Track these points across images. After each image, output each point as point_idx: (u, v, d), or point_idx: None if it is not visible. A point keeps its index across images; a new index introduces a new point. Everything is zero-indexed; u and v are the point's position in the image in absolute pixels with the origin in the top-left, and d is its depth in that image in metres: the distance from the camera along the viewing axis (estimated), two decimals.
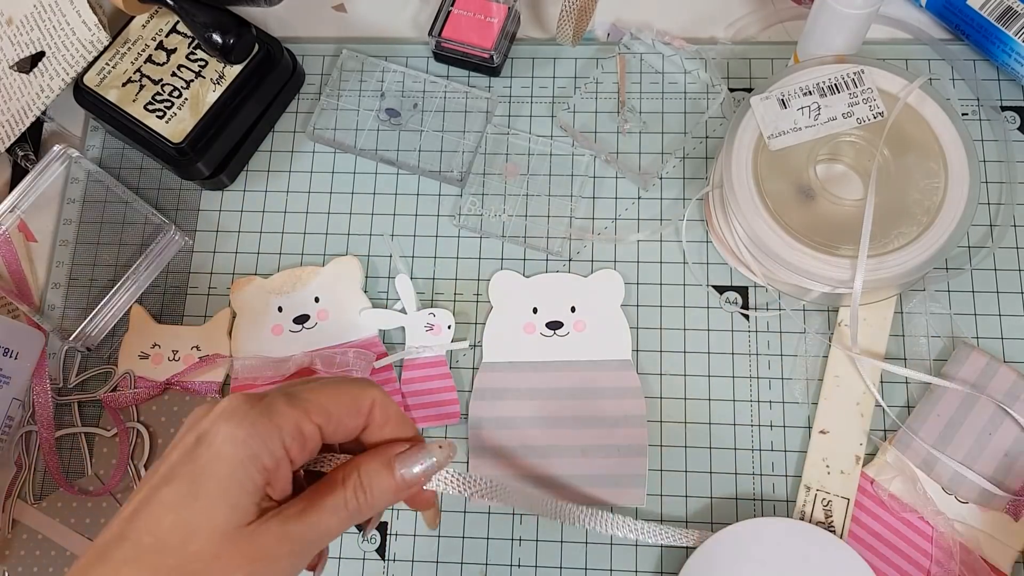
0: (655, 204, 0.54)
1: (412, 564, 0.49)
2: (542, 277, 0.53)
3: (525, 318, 0.51)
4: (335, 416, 0.32)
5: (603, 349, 0.51)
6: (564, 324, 0.51)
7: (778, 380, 0.51)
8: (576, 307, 0.51)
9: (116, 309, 0.54)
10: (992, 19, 0.53)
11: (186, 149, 0.53)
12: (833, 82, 0.48)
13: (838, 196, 0.47)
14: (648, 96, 0.57)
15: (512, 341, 0.51)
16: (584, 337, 0.51)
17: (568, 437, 0.49)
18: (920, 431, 0.48)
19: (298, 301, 0.54)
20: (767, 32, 0.58)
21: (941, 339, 0.50)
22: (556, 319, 0.51)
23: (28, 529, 0.51)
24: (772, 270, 0.49)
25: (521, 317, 0.52)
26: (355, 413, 0.33)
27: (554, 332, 0.51)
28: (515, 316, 0.52)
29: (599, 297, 0.51)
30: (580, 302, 0.51)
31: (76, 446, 0.53)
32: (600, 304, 0.51)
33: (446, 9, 0.57)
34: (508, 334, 0.51)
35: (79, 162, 0.57)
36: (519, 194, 0.55)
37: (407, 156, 0.57)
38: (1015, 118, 0.54)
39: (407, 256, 0.55)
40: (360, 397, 0.33)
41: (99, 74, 0.54)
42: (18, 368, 0.52)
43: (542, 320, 0.51)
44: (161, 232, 0.55)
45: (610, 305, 0.51)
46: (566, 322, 0.51)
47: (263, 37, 0.55)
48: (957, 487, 0.47)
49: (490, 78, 0.58)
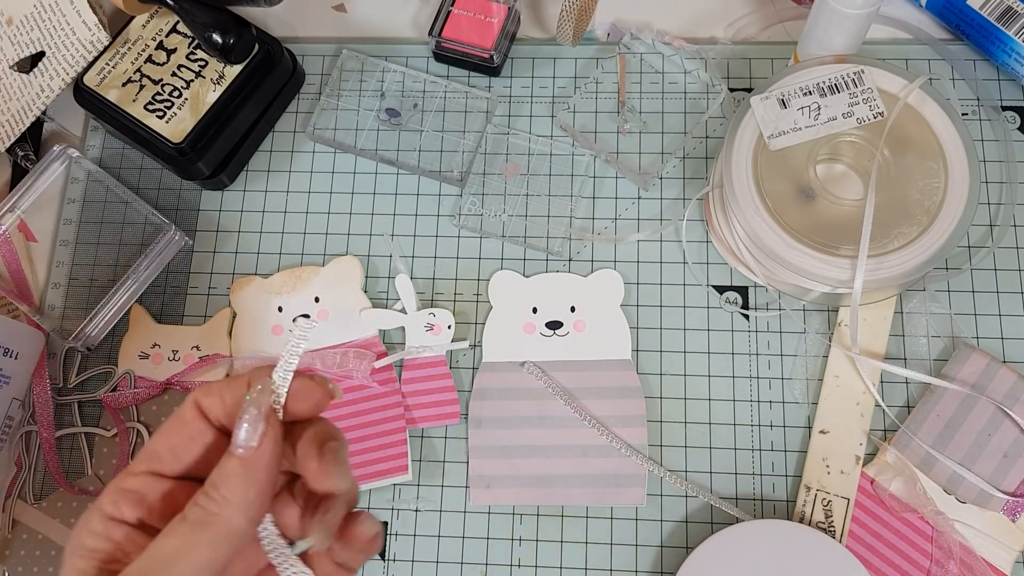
0: (655, 204, 0.54)
1: (412, 564, 0.49)
2: (542, 277, 0.53)
3: (525, 318, 0.52)
4: (160, 447, 0.29)
5: (603, 349, 0.51)
6: (564, 324, 0.51)
7: (778, 380, 0.51)
8: (576, 307, 0.51)
9: (116, 309, 0.54)
10: (992, 19, 0.53)
11: (186, 149, 0.53)
12: (833, 82, 0.48)
13: (838, 196, 0.47)
14: (648, 96, 0.57)
15: (512, 341, 0.51)
16: (584, 337, 0.51)
17: (568, 437, 0.49)
18: (920, 431, 0.48)
19: (298, 301, 0.54)
20: (767, 32, 0.58)
21: (941, 339, 0.50)
22: (556, 319, 0.51)
23: (28, 529, 0.51)
24: (772, 270, 0.49)
25: (521, 317, 0.52)
26: (179, 428, 0.29)
27: (554, 332, 0.51)
28: (515, 316, 0.52)
29: (599, 297, 0.52)
30: (580, 302, 0.52)
31: (76, 446, 0.53)
32: (600, 304, 0.51)
33: (446, 9, 0.57)
34: (508, 334, 0.52)
35: (79, 162, 0.57)
36: (519, 194, 0.55)
37: (407, 156, 0.57)
38: (1015, 118, 0.54)
39: (407, 256, 0.55)
40: (181, 410, 0.29)
41: (99, 74, 0.54)
42: (18, 368, 0.52)
43: (542, 320, 0.51)
44: (161, 232, 0.55)
45: (610, 305, 0.51)
46: (566, 322, 0.51)
47: (263, 37, 0.55)
48: (957, 487, 0.47)
49: (490, 78, 0.58)
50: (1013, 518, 0.47)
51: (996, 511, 0.47)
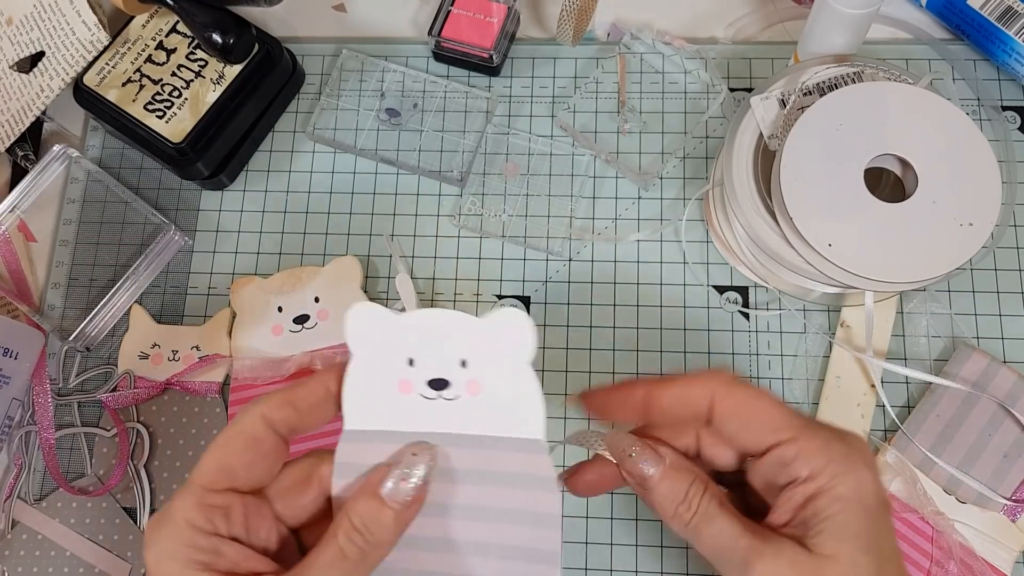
0: (655, 204, 0.54)
1: None
2: (418, 315, 0.36)
3: (399, 372, 0.36)
4: (236, 464, 0.30)
5: (506, 421, 0.36)
6: (451, 384, 0.35)
7: (779, 380, 0.51)
8: (467, 361, 0.35)
9: (116, 309, 0.54)
10: (992, 19, 0.53)
11: (186, 149, 0.53)
12: (833, 82, 0.48)
13: None
14: (648, 96, 0.57)
15: (383, 403, 0.36)
16: (480, 403, 0.36)
17: (460, 530, 0.36)
18: (920, 431, 0.48)
19: (298, 301, 0.54)
20: (767, 32, 0.58)
21: (941, 339, 0.50)
22: (440, 376, 0.36)
23: (28, 529, 0.51)
24: (772, 270, 0.49)
25: (394, 371, 0.36)
26: (252, 445, 0.31)
27: (439, 393, 0.36)
28: (386, 369, 0.36)
29: (499, 348, 0.35)
30: (473, 354, 0.35)
31: (76, 446, 0.53)
32: (500, 358, 0.35)
33: (446, 9, 0.57)
34: (378, 393, 0.36)
35: (79, 162, 0.57)
36: (519, 194, 0.55)
37: (407, 156, 0.57)
38: (1015, 118, 0.54)
39: (407, 256, 0.55)
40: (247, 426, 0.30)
41: (99, 74, 0.54)
42: (18, 368, 0.52)
43: (422, 376, 0.36)
44: (161, 232, 0.55)
45: (514, 360, 0.35)
46: (454, 381, 0.35)
47: (263, 37, 0.55)
48: (957, 487, 0.47)
49: (490, 78, 0.58)
50: (1013, 518, 0.47)
51: (996, 511, 0.47)
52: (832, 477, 0.29)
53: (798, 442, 0.30)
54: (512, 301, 0.53)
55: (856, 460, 0.29)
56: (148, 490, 0.51)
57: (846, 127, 0.44)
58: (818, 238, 0.43)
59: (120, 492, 0.51)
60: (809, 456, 0.29)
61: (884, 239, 0.43)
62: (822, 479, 0.29)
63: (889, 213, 0.43)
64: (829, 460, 0.29)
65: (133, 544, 0.50)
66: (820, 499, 0.29)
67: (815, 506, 0.29)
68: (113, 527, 0.51)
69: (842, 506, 0.29)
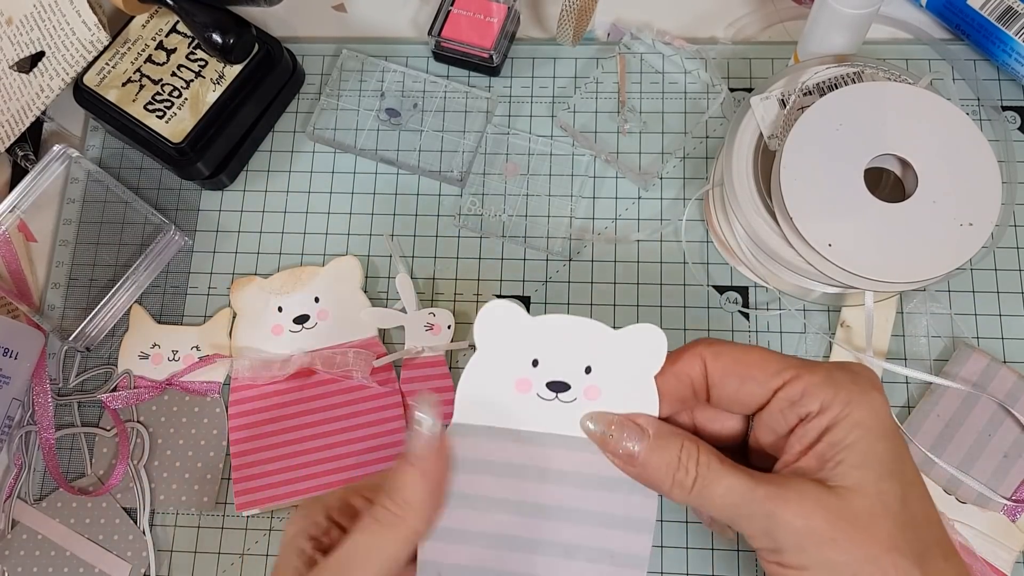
0: (655, 204, 0.54)
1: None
2: (554, 319, 0.36)
3: (520, 371, 0.37)
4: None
5: None
6: (572, 387, 0.36)
7: None
8: (592, 367, 0.36)
9: (116, 309, 0.54)
10: (992, 19, 0.53)
11: (186, 149, 0.53)
12: (833, 82, 0.48)
13: None
14: (648, 96, 0.57)
15: (496, 400, 0.37)
16: (596, 408, 0.37)
17: (550, 531, 0.36)
18: (920, 431, 0.48)
19: (298, 301, 0.54)
20: (767, 32, 0.58)
21: (941, 339, 0.50)
22: (562, 379, 0.36)
23: (28, 529, 0.51)
24: (772, 270, 0.49)
25: (515, 369, 0.37)
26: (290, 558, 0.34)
27: (556, 395, 0.37)
28: (507, 367, 0.37)
29: (628, 359, 0.36)
30: (600, 361, 0.36)
31: (76, 446, 0.53)
32: (627, 368, 0.36)
33: (446, 9, 0.57)
34: (493, 390, 0.37)
35: (79, 162, 0.57)
36: (519, 194, 0.55)
37: (407, 156, 0.57)
38: (1015, 118, 0.54)
39: (407, 256, 0.55)
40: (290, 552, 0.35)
41: (99, 74, 0.54)
42: (18, 368, 0.52)
43: (543, 377, 0.37)
44: (161, 232, 0.55)
45: (640, 372, 0.36)
46: (575, 385, 0.36)
47: (263, 37, 0.55)
48: (957, 487, 0.47)
49: (490, 78, 0.58)
50: (1013, 518, 0.47)
51: (996, 511, 0.47)
52: (845, 405, 0.28)
53: (802, 379, 0.29)
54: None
55: (864, 385, 0.29)
56: (148, 490, 0.51)
57: (846, 127, 0.44)
58: (818, 238, 0.43)
59: (120, 492, 0.51)
60: (816, 389, 0.29)
61: (884, 239, 0.43)
62: (834, 409, 0.28)
63: (889, 213, 0.43)
64: (838, 389, 0.28)
65: (133, 544, 0.50)
66: (836, 429, 0.28)
67: (831, 437, 0.28)
68: (113, 527, 0.51)
69: (861, 432, 0.28)
